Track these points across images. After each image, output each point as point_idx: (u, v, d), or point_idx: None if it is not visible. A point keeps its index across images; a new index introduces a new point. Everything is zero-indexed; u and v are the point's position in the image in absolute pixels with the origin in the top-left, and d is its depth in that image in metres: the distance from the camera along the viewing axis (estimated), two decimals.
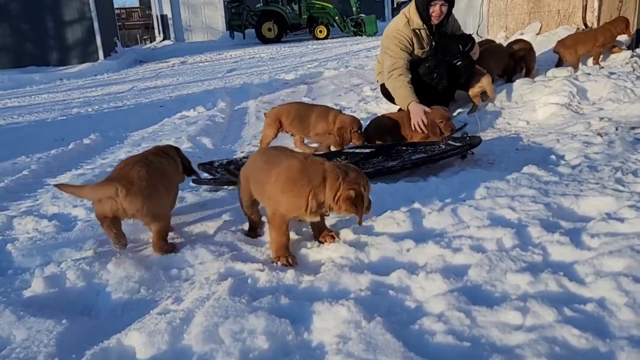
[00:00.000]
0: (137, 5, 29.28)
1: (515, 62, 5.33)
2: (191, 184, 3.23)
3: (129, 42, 26.16)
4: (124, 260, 2.13)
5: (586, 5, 6.18)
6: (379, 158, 3.52)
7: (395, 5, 30.00)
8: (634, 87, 4.17)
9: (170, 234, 2.47)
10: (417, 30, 4.36)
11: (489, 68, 4.91)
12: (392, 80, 4.24)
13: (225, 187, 3.21)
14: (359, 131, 3.76)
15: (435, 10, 4.26)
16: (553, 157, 3.13)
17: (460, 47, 4.52)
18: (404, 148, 3.63)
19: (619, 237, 1.86)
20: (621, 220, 2.01)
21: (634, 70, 4.68)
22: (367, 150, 3.69)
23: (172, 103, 7.58)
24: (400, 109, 4.32)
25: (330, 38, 21.87)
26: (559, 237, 1.93)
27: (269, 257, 2.13)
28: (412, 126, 3.85)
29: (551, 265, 1.78)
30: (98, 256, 2.19)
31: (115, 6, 23.50)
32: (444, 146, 3.48)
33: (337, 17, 21.88)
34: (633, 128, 3.46)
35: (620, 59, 5.01)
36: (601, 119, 3.78)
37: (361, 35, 21.18)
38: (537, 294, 1.59)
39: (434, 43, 4.47)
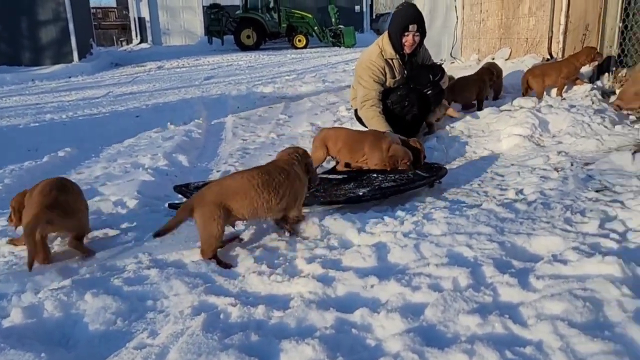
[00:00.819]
0: (114, 5, 28.92)
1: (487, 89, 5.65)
2: (167, 208, 3.33)
3: (104, 42, 25.87)
4: (100, 290, 2.22)
5: (552, 36, 6.48)
6: (350, 184, 3.67)
7: (374, 17, 30.41)
8: (591, 122, 4.43)
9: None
10: (389, 60, 4.55)
11: (465, 96, 5.37)
12: (364, 110, 4.44)
13: None
14: (409, 162, 3.80)
15: (408, 39, 4.46)
16: (512, 191, 3.32)
17: (431, 76, 4.74)
18: (375, 175, 3.80)
19: (560, 280, 2.04)
20: (565, 262, 2.19)
21: (592, 103, 4.95)
22: (340, 177, 3.86)
23: (149, 113, 7.62)
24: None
25: (309, 47, 22.08)
26: (509, 278, 2.10)
27: (241, 289, 2.25)
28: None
29: (500, 306, 1.95)
30: (75, 285, 2.28)
31: (92, 5, 23.23)
32: (412, 175, 3.67)
33: (316, 27, 22.12)
34: (587, 164, 3.69)
35: (580, 91, 5.28)
36: (559, 152, 4.01)
37: (339, 46, 21.44)
38: (484, 336, 1.75)
39: (406, 72, 4.67)
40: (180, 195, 3.63)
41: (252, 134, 5.81)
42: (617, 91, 5.28)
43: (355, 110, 4.91)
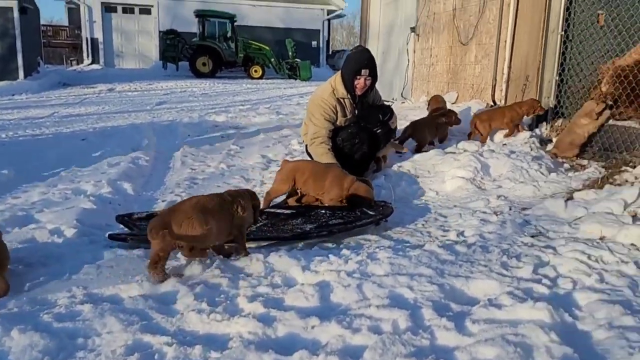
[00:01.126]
0: (66, 24, 28.31)
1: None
2: (108, 239, 3.22)
3: (53, 61, 25.17)
4: (28, 326, 2.10)
5: (495, 84, 6.84)
6: (298, 220, 3.70)
7: (330, 53, 31.11)
8: (529, 168, 4.66)
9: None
10: (341, 99, 4.68)
11: (424, 136, 5.67)
12: (314, 147, 4.53)
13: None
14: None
15: (360, 82, 4.62)
16: (454, 232, 3.43)
17: (381, 116, 4.89)
18: (323, 212, 3.85)
19: (494, 325, 2.11)
20: (499, 307, 2.27)
21: (531, 150, 5.22)
22: (288, 212, 3.87)
23: (96, 136, 7.42)
24: None
25: (265, 78, 22.27)
26: (446, 322, 2.15)
27: (179, 328, 2.19)
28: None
29: (436, 350, 1.99)
30: (2, 320, 2.15)
31: (42, 22, 22.68)
32: (359, 213, 3.73)
33: (273, 59, 22.38)
34: (524, 209, 3.87)
35: (520, 138, 5.57)
36: (499, 196, 4.19)
37: (295, 79, 21.73)
38: None
39: (357, 111, 4.80)
40: (121, 226, 3.54)
41: (202, 164, 5.75)
42: (554, 139, 5.61)
43: (306, 145, 4.98)
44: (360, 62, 4.58)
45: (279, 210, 3.91)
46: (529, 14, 6.32)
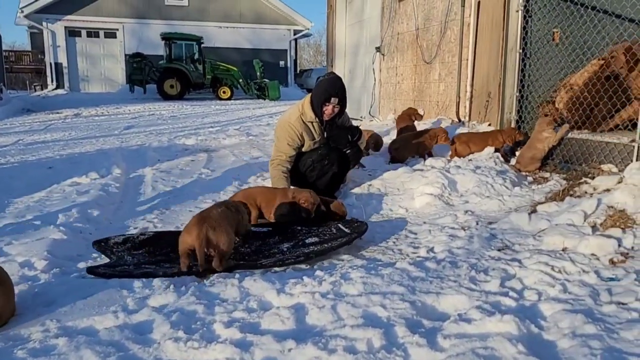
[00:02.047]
0: (29, 48, 27.84)
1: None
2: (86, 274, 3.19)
3: (15, 86, 24.69)
4: None
5: (459, 101, 7.06)
6: (275, 238, 3.78)
7: (298, 72, 31.39)
8: (494, 183, 4.82)
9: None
10: (309, 123, 4.78)
11: (407, 152, 6.11)
12: (272, 168, 4.83)
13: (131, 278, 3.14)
14: (313, 204, 4.09)
15: (328, 110, 4.74)
16: (424, 249, 3.53)
17: (350, 137, 5.00)
18: (299, 228, 3.96)
19: (465, 339, 2.19)
20: (469, 321, 2.35)
21: (495, 165, 5.40)
22: (265, 230, 3.95)
23: (63, 164, 7.31)
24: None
25: (234, 99, 22.31)
26: (419, 338, 2.22)
27: (156, 357, 2.20)
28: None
29: None
30: None
31: (4, 47, 22.27)
32: (334, 230, 3.81)
33: (241, 80, 22.47)
34: (490, 223, 4.00)
35: (485, 153, 5.75)
36: (466, 212, 4.32)
37: (264, 99, 21.84)
38: None
39: (325, 133, 4.90)
40: (97, 253, 3.52)
41: (173, 189, 5.74)
42: (517, 154, 5.82)
43: None
44: (330, 91, 4.69)
45: (255, 229, 3.96)
46: (488, 33, 6.59)
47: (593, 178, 4.47)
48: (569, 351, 2.14)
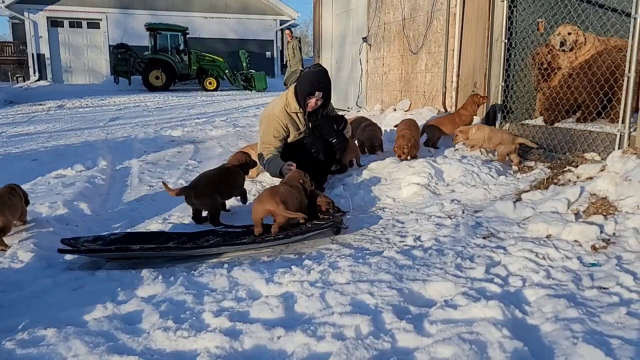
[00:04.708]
0: (11, 39, 27.35)
1: None
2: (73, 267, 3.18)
3: None
4: None
5: (445, 91, 7.09)
6: (250, 236, 3.67)
7: (284, 62, 31.20)
8: (480, 172, 4.87)
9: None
10: (293, 114, 4.79)
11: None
12: (261, 160, 4.78)
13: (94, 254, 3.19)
14: (304, 182, 4.10)
15: (311, 102, 4.76)
16: (411, 238, 3.57)
17: (335, 126, 5.01)
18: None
19: (451, 325, 2.23)
20: (455, 307, 2.40)
21: (481, 154, 5.45)
22: (239, 230, 3.89)
23: (47, 156, 7.23)
24: None
25: (220, 90, 22.15)
26: (406, 324, 2.25)
27: (146, 347, 2.21)
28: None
29: (397, 352, 2.09)
30: None
31: None
32: (310, 225, 3.79)
33: (227, 71, 22.32)
34: (476, 212, 4.05)
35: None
36: (452, 201, 4.36)
37: (250, 90, 21.72)
38: None
39: (310, 125, 4.90)
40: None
41: (160, 180, 5.71)
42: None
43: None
44: (315, 85, 4.69)
45: (229, 230, 3.91)
46: (474, 23, 6.62)
47: (576, 166, 4.53)
48: (552, 334, 2.19)
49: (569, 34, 5.44)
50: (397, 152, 5.33)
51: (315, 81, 4.72)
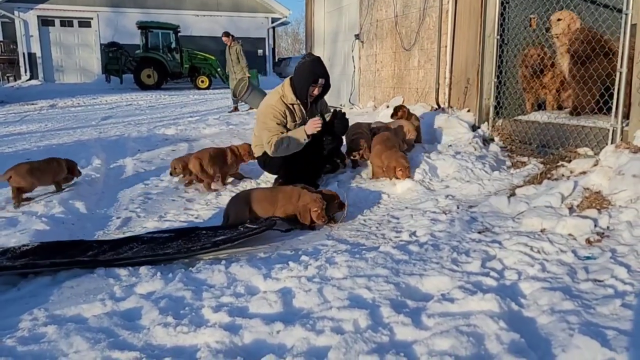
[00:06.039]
0: (1, 38, 27.10)
1: None
2: None
3: None
4: None
5: (438, 88, 7.12)
6: (178, 242, 3.52)
7: (276, 61, 31.18)
8: (474, 168, 4.91)
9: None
10: (290, 105, 4.79)
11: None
12: (274, 147, 4.67)
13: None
14: (320, 211, 3.88)
15: (315, 90, 4.77)
16: (406, 233, 3.59)
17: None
18: (204, 232, 3.72)
19: (448, 318, 2.26)
20: (452, 300, 2.42)
21: (475, 150, 5.49)
22: (166, 235, 3.70)
23: (40, 155, 7.10)
24: None
25: (212, 88, 22.08)
26: (404, 317, 2.28)
27: (146, 342, 2.22)
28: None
29: (396, 345, 2.11)
30: None
31: None
32: (242, 229, 3.67)
33: (219, 69, 22.25)
34: (471, 207, 4.09)
35: (464, 139, 5.83)
36: (447, 196, 4.40)
37: None
38: None
39: (307, 117, 4.92)
40: None
41: (155, 178, 5.71)
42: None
43: (258, 158, 5.07)
44: (317, 72, 4.75)
45: (156, 235, 3.72)
46: (466, 20, 6.65)
47: (570, 161, 4.58)
48: (548, 326, 2.22)
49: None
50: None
51: (316, 69, 4.76)
